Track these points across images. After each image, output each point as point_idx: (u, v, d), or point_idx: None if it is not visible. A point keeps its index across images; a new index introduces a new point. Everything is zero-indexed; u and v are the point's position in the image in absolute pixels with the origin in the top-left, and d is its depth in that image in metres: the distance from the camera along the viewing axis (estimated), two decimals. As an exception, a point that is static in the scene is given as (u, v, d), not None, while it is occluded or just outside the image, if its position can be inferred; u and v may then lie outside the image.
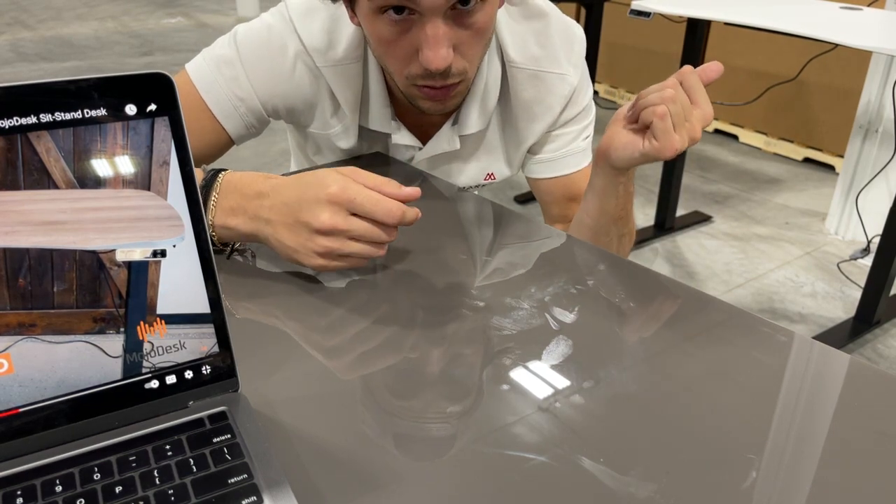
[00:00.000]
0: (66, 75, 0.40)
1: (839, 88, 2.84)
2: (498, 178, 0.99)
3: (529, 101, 0.90)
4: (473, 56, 0.78)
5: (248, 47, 0.83)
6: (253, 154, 2.98)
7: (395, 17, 0.72)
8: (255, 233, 0.64)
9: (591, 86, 0.95)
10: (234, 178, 0.66)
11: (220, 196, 0.65)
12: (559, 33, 0.90)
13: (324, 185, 0.60)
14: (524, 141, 0.94)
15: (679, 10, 1.97)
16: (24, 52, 4.67)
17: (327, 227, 0.60)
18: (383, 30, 0.73)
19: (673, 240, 2.41)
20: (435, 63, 0.72)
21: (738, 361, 0.55)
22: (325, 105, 0.88)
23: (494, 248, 0.74)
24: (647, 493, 0.43)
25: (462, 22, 0.73)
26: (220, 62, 0.83)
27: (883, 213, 1.88)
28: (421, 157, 0.94)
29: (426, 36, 0.71)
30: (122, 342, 0.43)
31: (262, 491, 0.40)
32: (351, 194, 0.60)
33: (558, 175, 0.96)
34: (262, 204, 0.63)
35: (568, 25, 0.91)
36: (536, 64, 0.88)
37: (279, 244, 0.63)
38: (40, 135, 0.39)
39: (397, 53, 0.75)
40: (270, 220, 0.63)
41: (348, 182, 0.61)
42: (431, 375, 0.53)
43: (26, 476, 0.40)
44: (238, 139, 0.88)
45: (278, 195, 0.63)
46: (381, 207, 0.60)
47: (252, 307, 0.61)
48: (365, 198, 0.60)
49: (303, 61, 0.84)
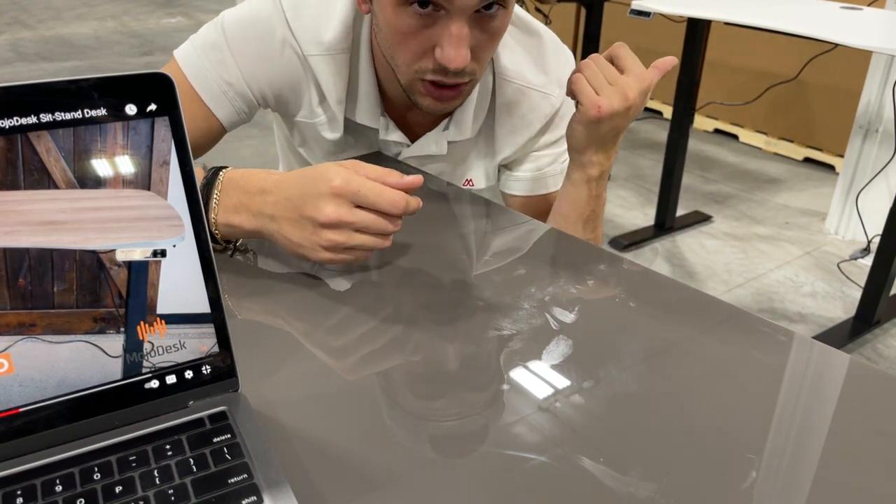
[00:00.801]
0: (66, 75, 0.40)
1: (839, 88, 2.84)
2: (475, 185, 0.99)
3: (511, 114, 0.91)
4: (484, 60, 0.78)
5: (234, 31, 0.83)
6: (253, 154, 2.98)
7: (420, 11, 0.72)
8: (260, 229, 0.64)
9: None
10: (235, 175, 0.66)
11: (221, 194, 0.64)
12: (552, 53, 0.91)
13: (327, 179, 0.60)
14: (499, 152, 0.94)
15: (679, 10, 1.97)
16: (24, 52, 4.67)
17: (332, 220, 0.60)
18: (404, 22, 0.73)
19: (673, 240, 2.41)
20: (455, 62, 0.72)
21: (738, 361, 0.55)
22: (312, 93, 0.88)
23: (494, 248, 0.74)
24: (647, 493, 0.43)
25: (482, 25, 0.74)
26: (207, 47, 0.83)
27: (883, 212, 1.88)
28: (407, 155, 0.94)
29: (450, 34, 0.72)
30: (122, 342, 0.43)
31: (262, 491, 0.40)
32: (355, 186, 0.60)
33: (533, 194, 0.98)
34: (265, 200, 0.63)
35: (561, 47, 0.93)
36: (524, 80, 0.89)
37: (284, 240, 0.63)
38: (40, 135, 0.39)
39: (413, 47, 0.75)
40: (274, 216, 0.62)
41: (351, 174, 0.60)
42: (431, 375, 0.53)
43: (26, 476, 0.40)
44: (229, 125, 0.88)
45: (281, 191, 0.62)
46: (386, 198, 0.60)
47: (252, 307, 0.61)
48: (369, 189, 0.60)
49: (291, 47, 0.84)
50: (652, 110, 3.67)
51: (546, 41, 0.91)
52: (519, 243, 0.76)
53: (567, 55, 0.93)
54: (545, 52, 0.90)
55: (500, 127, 0.92)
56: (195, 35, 0.85)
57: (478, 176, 0.99)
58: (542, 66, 0.90)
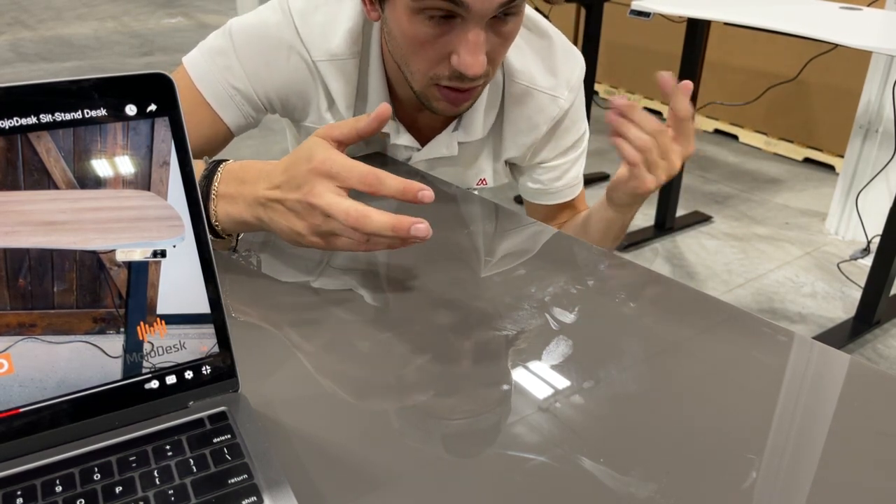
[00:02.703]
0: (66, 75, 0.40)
1: (839, 88, 2.84)
2: (489, 184, 1.00)
3: (520, 115, 0.91)
4: (497, 62, 0.79)
5: (242, 37, 0.83)
6: (253, 154, 2.98)
7: (436, 18, 0.71)
8: (256, 217, 0.62)
9: (584, 118, 0.97)
10: (234, 166, 0.64)
11: (220, 185, 0.63)
12: (562, 55, 0.91)
13: (307, 159, 0.58)
14: (505, 152, 0.95)
15: (679, 10, 1.97)
16: (24, 52, 4.67)
17: (307, 200, 0.57)
18: (419, 29, 0.73)
19: (673, 240, 2.42)
20: (473, 69, 0.72)
21: (738, 361, 0.55)
22: (321, 100, 0.88)
23: (494, 248, 0.74)
24: (647, 493, 0.43)
25: (497, 30, 0.74)
26: (215, 53, 0.83)
27: (883, 213, 1.88)
28: (419, 159, 0.94)
29: (467, 41, 0.71)
30: (122, 342, 0.43)
31: (262, 491, 0.40)
32: (329, 163, 0.57)
33: (554, 203, 1.01)
34: (257, 187, 0.61)
35: (571, 49, 0.93)
36: (532, 81, 0.89)
37: (277, 226, 0.61)
38: (40, 135, 0.39)
39: (429, 54, 0.75)
40: (266, 203, 0.60)
41: (329, 151, 0.58)
42: (431, 375, 0.53)
43: (26, 476, 0.40)
44: (237, 130, 0.88)
45: (273, 176, 0.60)
46: (355, 172, 0.56)
47: (252, 307, 0.61)
48: (340, 166, 0.57)
49: (298, 54, 0.84)
50: (652, 110, 3.67)
51: (556, 43, 0.91)
52: (519, 244, 0.76)
53: (577, 57, 0.93)
54: (555, 54, 0.90)
55: (507, 128, 0.93)
56: (203, 41, 0.86)
57: (489, 175, 1.00)
58: (552, 68, 0.90)
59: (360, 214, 0.54)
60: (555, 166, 0.97)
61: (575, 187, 1.01)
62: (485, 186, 1.01)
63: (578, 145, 0.97)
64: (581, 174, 1.01)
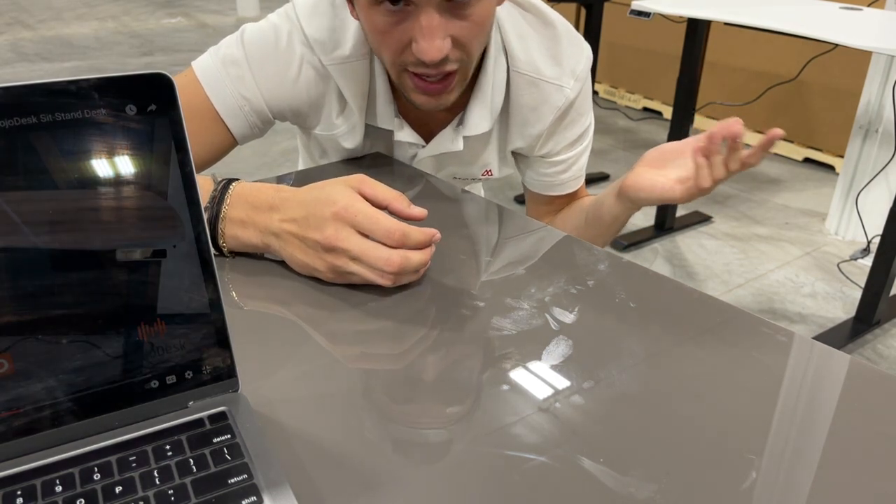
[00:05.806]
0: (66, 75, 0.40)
1: (839, 88, 2.85)
2: (494, 174, 1.00)
3: (525, 106, 0.91)
4: (470, 47, 0.78)
5: (255, 48, 0.84)
6: (253, 154, 2.98)
7: (392, 8, 0.72)
8: (267, 245, 0.65)
9: (591, 109, 0.97)
10: (244, 189, 0.66)
11: (229, 207, 0.65)
12: (567, 44, 0.90)
13: (331, 202, 0.61)
14: (511, 142, 0.95)
15: (679, 10, 1.97)
16: (24, 52, 4.67)
17: (331, 244, 0.60)
18: (379, 20, 0.74)
19: (673, 240, 2.42)
20: (429, 54, 0.73)
21: (738, 361, 0.55)
22: (332, 106, 0.89)
23: (494, 248, 0.74)
24: (647, 493, 0.43)
25: (458, 13, 0.73)
26: (227, 61, 0.84)
27: (883, 213, 1.88)
28: (424, 155, 0.94)
29: (420, 26, 0.72)
30: (122, 342, 0.43)
31: (262, 491, 0.40)
32: (353, 212, 0.60)
33: (557, 194, 1.02)
34: (271, 217, 0.64)
35: (577, 38, 0.92)
36: (537, 71, 0.89)
37: (290, 258, 0.64)
38: (40, 135, 0.39)
39: (391, 43, 0.76)
40: (280, 234, 0.63)
41: (353, 199, 0.61)
42: (432, 375, 0.53)
43: (26, 476, 0.40)
44: (241, 139, 0.88)
45: (288, 209, 0.63)
46: (381, 226, 0.60)
47: (252, 307, 0.62)
48: (364, 216, 0.60)
49: (309, 62, 0.84)
50: (652, 110, 3.67)
51: (561, 32, 0.89)
52: (519, 244, 0.76)
53: (583, 46, 0.91)
54: (560, 43, 0.89)
55: (513, 118, 0.92)
56: (215, 48, 0.86)
57: (494, 166, 1.00)
58: (557, 57, 0.89)
59: (401, 234, 0.60)
60: (561, 160, 0.97)
61: (580, 178, 1.01)
62: (490, 178, 1.01)
63: (584, 137, 0.97)
64: (585, 164, 1.01)
